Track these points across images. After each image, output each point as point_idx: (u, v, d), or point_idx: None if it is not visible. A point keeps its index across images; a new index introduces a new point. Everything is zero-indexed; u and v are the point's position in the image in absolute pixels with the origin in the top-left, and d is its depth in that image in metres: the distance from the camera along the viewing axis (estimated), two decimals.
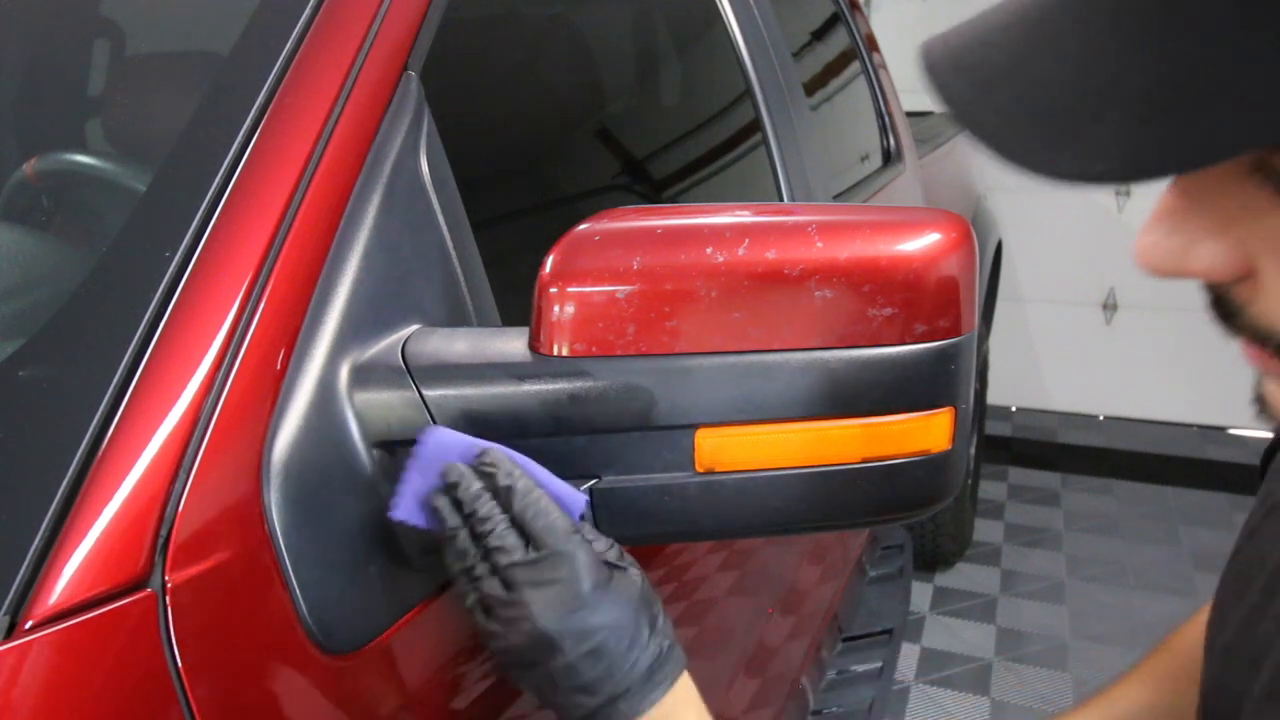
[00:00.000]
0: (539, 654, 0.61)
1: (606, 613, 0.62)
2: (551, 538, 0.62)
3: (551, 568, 0.62)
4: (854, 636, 1.97)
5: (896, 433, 0.68)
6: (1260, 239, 0.39)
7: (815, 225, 0.67)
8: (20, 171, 0.99)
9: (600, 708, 0.62)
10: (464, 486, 0.64)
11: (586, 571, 0.62)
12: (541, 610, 0.61)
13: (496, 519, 0.63)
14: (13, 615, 0.51)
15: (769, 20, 1.63)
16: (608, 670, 0.61)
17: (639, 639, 0.63)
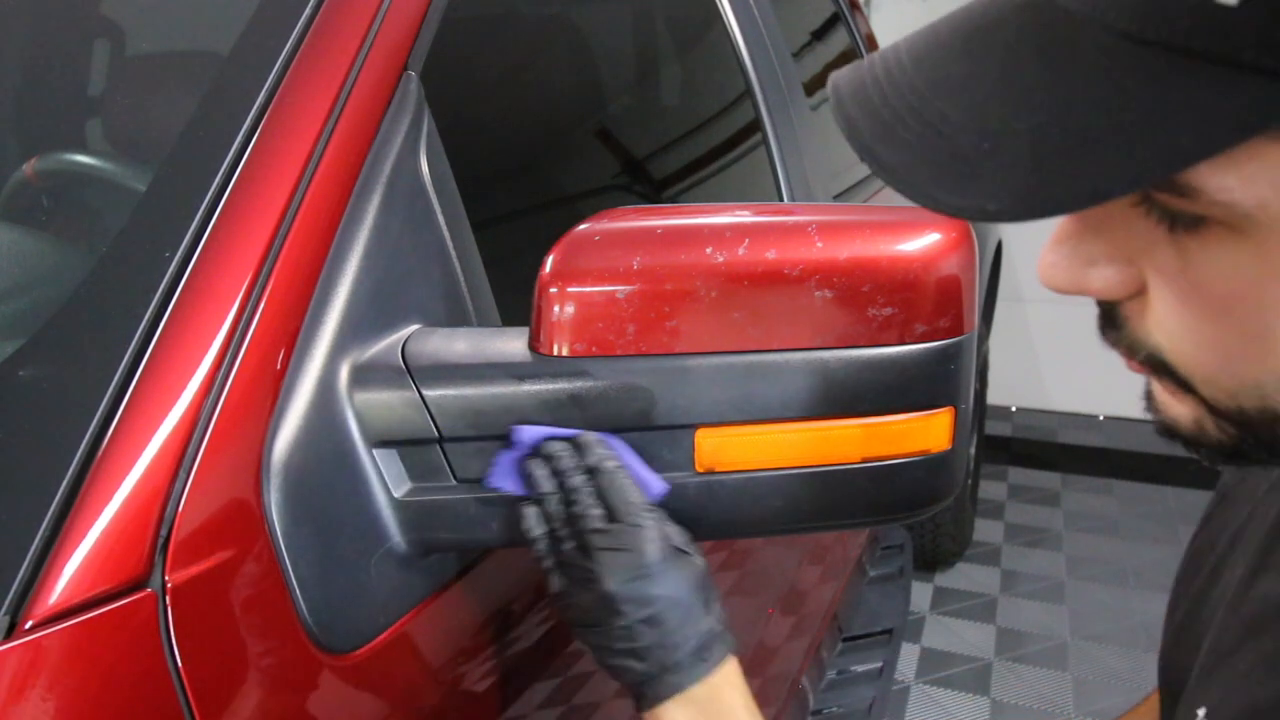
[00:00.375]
0: (602, 614, 0.66)
1: (666, 586, 0.66)
2: (628, 512, 0.67)
3: (624, 537, 0.66)
4: (854, 636, 1.97)
5: (896, 433, 0.68)
6: (1148, 262, 0.42)
7: (815, 225, 0.67)
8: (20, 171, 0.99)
9: (650, 675, 0.66)
10: (560, 458, 0.68)
11: (654, 547, 0.66)
12: (609, 573, 0.66)
13: (583, 489, 0.68)
14: (13, 615, 0.51)
15: (769, 20, 1.63)
16: (660, 640, 0.66)
17: (692, 617, 0.67)
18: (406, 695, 0.70)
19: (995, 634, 2.82)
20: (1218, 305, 0.41)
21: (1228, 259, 0.39)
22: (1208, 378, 0.43)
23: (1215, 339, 0.42)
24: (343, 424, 0.67)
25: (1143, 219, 0.41)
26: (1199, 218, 0.39)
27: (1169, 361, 0.44)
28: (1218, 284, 0.40)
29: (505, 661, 0.78)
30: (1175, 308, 0.42)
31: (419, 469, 0.70)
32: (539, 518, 0.69)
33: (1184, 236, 0.40)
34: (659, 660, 0.66)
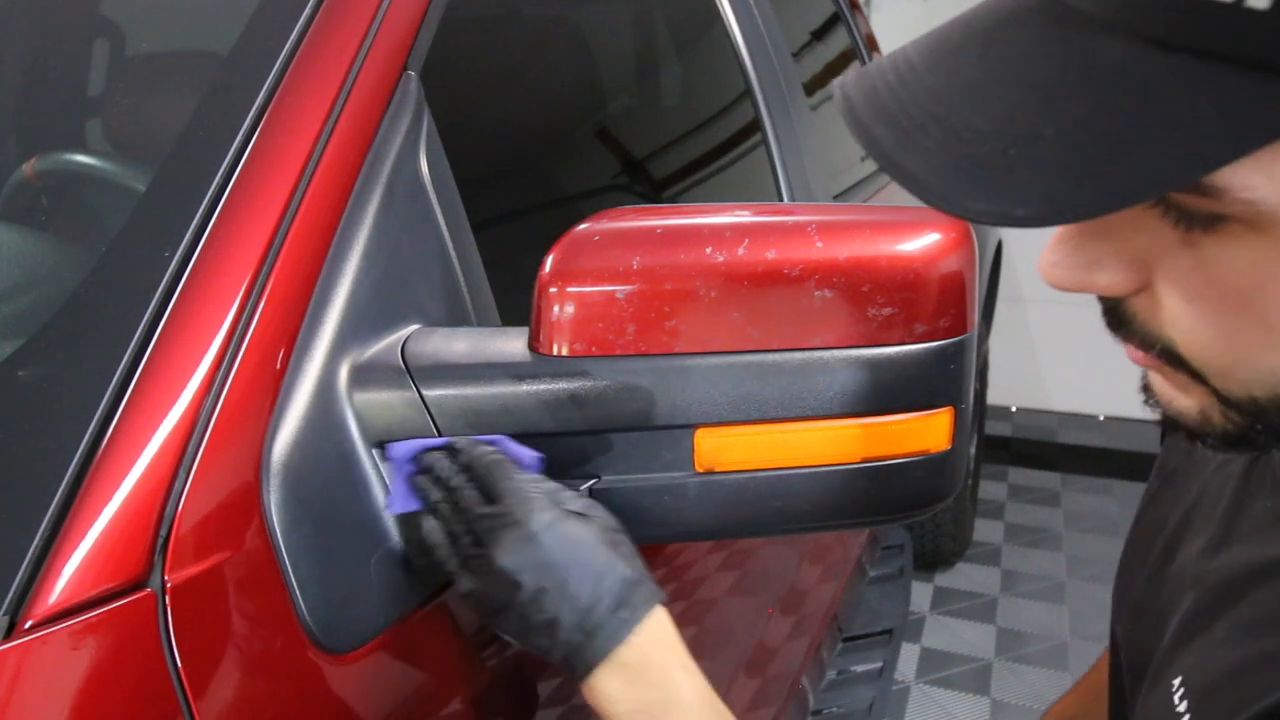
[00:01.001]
0: (505, 593, 0.64)
1: (559, 548, 0.64)
2: (507, 490, 0.66)
3: (506, 513, 0.65)
4: (854, 636, 1.96)
5: (896, 433, 0.68)
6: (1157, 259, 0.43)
7: (815, 225, 0.67)
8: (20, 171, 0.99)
9: (570, 644, 0.64)
10: (436, 466, 0.68)
11: (538, 512, 0.65)
12: (499, 549, 0.64)
13: (464, 485, 0.67)
14: (13, 615, 0.51)
15: (769, 20, 1.63)
16: (568, 605, 0.63)
17: (599, 574, 0.64)
18: (406, 695, 0.70)
19: (995, 634, 2.82)
20: (1235, 299, 0.41)
21: (1245, 255, 0.40)
22: (1222, 369, 0.44)
23: (1231, 332, 0.42)
24: (343, 424, 0.67)
25: (1154, 220, 0.42)
26: (1217, 216, 0.39)
27: (1183, 355, 0.44)
28: (1235, 279, 0.41)
29: (505, 661, 0.78)
30: (1189, 304, 0.43)
31: None
32: (436, 527, 0.68)
33: (1199, 235, 0.41)
34: (575, 626, 0.63)
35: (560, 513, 0.65)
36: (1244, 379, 0.43)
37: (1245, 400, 0.44)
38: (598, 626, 0.63)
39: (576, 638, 0.63)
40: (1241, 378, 0.43)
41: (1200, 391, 0.46)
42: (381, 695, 0.67)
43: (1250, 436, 0.46)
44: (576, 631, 0.63)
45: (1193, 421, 0.48)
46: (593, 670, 0.64)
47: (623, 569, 0.65)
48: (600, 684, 0.64)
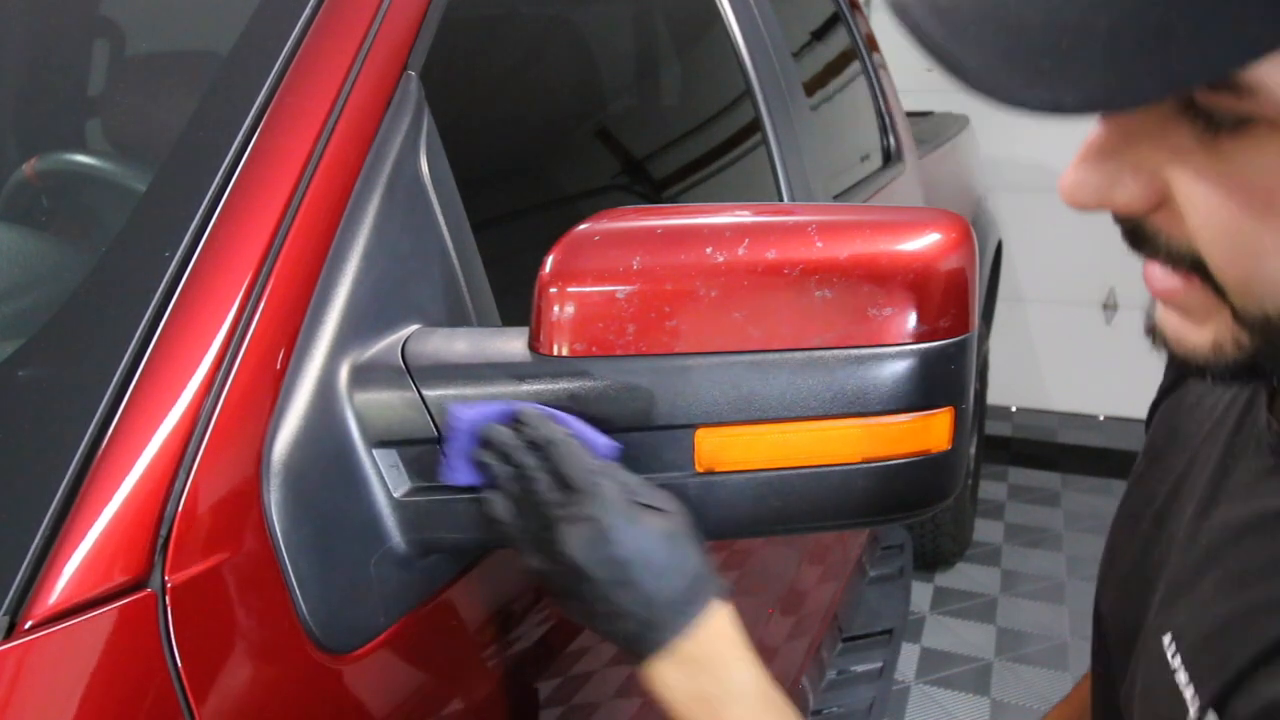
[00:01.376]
0: (575, 583, 0.65)
1: (630, 545, 0.65)
2: (580, 478, 0.65)
3: (580, 505, 0.65)
4: (854, 636, 1.96)
5: (896, 433, 0.68)
6: (1178, 170, 0.44)
7: (815, 225, 0.67)
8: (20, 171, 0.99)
9: (635, 635, 0.65)
10: (503, 441, 0.67)
11: (612, 508, 0.65)
12: (572, 543, 0.65)
13: (533, 466, 0.67)
14: (13, 615, 0.51)
15: (769, 20, 1.63)
16: (636, 598, 0.65)
17: (667, 571, 0.65)
18: (406, 695, 0.70)
19: (995, 634, 2.82)
20: (1259, 203, 0.42)
21: (1271, 157, 0.41)
22: (1242, 281, 0.45)
23: (1254, 238, 0.43)
24: (343, 424, 0.67)
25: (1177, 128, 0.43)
26: (1245, 120, 0.40)
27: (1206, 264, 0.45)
28: (1259, 180, 0.42)
29: (505, 661, 0.78)
30: (1213, 210, 0.44)
31: (419, 469, 0.70)
32: (503, 504, 0.68)
33: (1223, 141, 0.42)
34: (640, 619, 0.65)
35: (633, 508, 0.66)
36: (1260, 293, 0.44)
37: (1259, 319, 0.45)
38: (661, 619, 0.65)
39: (639, 628, 0.65)
40: (1258, 291, 0.44)
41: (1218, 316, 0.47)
42: (381, 695, 0.67)
43: (1259, 365, 0.47)
44: (640, 623, 0.65)
45: (1203, 357, 0.49)
46: (653, 659, 0.65)
47: (690, 564, 0.66)
48: (660, 673, 0.65)
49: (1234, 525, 0.58)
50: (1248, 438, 0.61)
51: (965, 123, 3.26)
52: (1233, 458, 0.62)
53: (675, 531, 0.67)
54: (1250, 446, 0.60)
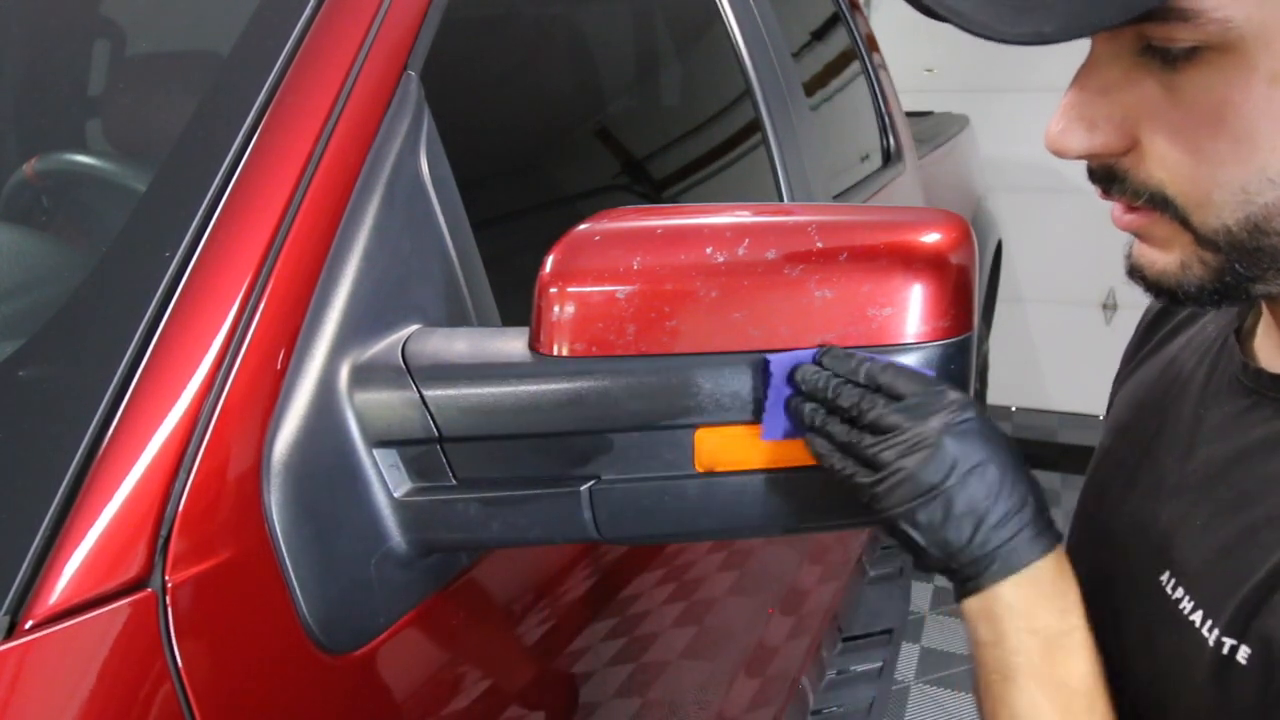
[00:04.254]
0: (936, 475, 0.59)
1: (997, 444, 0.60)
2: (921, 383, 0.62)
3: (935, 397, 0.61)
4: (854, 636, 1.96)
5: None
6: (1143, 112, 0.53)
7: (815, 225, 0.67)
8: (20, 171, 0.99)
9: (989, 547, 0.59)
10: (814, 381, 0.64)
11: (966, 400, 0.61)
12: (930, 422, 0.60)
13: (859, 393, 0.62)
14: (13, 615, 0.51)
15: (769, 20, 1.63)
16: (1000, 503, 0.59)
17: (1027, 485, 0.61)
18: (406, 695, 0.70)
19: None
20: (1211, 120, 0.50)
21: (1218, 76, 0.49)
22: (1202, 198, 0.52)
23: (1210, 153, 0.51)
24: (343, 424, 0.67)
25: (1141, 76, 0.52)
26: (1193, 48, 0.49)
27: (1169, 195, 0.53)
28: (1210, 100, 0.50)
29: (505, 661, 0.78)
30: (1173, 139, 0.52)
31: (419, 469, 0.70)
32: (826, 445, 0.63)
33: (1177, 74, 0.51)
34: (1002, 525, 0.59)
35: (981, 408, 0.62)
36: (1219, 203, 0.52)
37: (1221, 231, 0.52)
38: (1022, 535, 0.59)
39: (999, 540, 0.59)
40: (1217, 201, 0.52)
41: (1181, 241, 0.54)
42: (381, 695, 0.67)
43: (1225, 283, 0.54)
44: (1001, 533, 0.59)
45: (1173, 278, 0.55)
46: (1005, 578, 0.59)
47: (1040, 489, 0.61)
48: (1008, 593, 0.59)
49: (1218, 461, 0.62)
50: (1219, 386, 0.65)
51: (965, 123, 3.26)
52: (1205, 407, 0.66)
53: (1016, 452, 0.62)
54: (1223, 394, 0.65)
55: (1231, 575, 0.57)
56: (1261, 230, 0.51)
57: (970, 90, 3.74)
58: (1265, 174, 0.50)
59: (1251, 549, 0.56)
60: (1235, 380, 0.64)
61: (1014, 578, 0.59)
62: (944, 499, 0.59)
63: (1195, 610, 0.58)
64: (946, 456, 0.59)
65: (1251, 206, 0.51)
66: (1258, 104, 0.49)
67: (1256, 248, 0.52)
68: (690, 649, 1.10)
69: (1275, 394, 0.60)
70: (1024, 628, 0.59)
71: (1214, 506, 0.61)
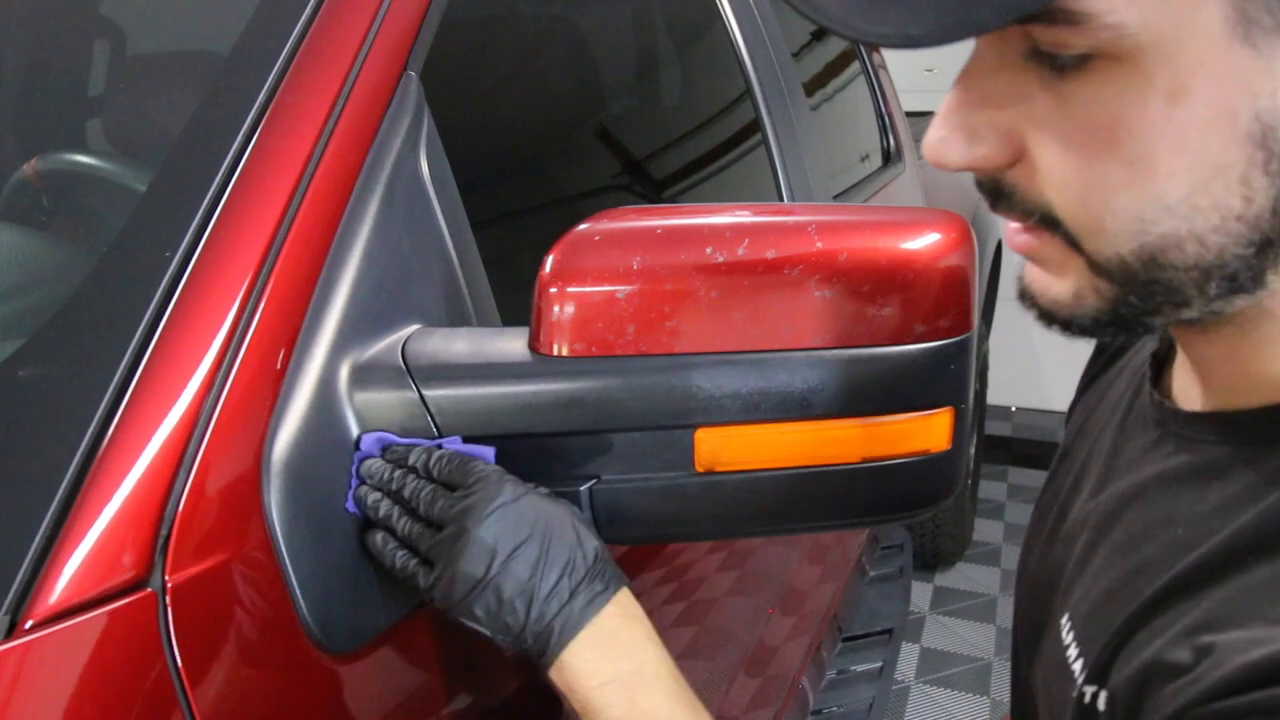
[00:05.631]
0: (478, 566, 0.62)
1: (538, 519, 0.63)
2: (473, 473, 0.65)
3: (479, 489, 0.63)
4: (854, 636, 1.96)
5: (896, 433, 0.68)
6: (1030, 122, 0.46)
7: (815, 225, 0.67)
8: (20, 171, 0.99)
9: (542, 619, 0.62)
10: (376, 473, 0.67)
11: (512, 485, 0.64)
12: (468, 519, 0.62)
13: (419, 484, 0.65)
14: (13, 615, 0.51)
15: (769, 20, 1.63)
16: (543, 573, 0.62)
17: (572, 542, 0.63)
18: (406, 695, 0.70)
19: (995, 634, 2.82)
20: (1104, 138, 0.44)
21: (1111, 89, 0.43)
22: (1094, 224, 0.47)
23: (1100, 176, 0.45)
24: (343, 424, 0.67)
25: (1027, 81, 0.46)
26: (1084, 56, 0.43)
27: (1059, 216, 0.48)
28: (1102, 115, 0.44)
29: (505, 661, 0.78)
30: (1061, 154, 0.46)
31: None
32: (383, 540, 0.66)
33: (1067, 82, 0.45)
34: (549, 597, 0.62)
35: (523, 486, 0.65)
36: (1113, 231, 0.46)
37: (1114, 261, 0.47)
38: (575, 596, 0.62)
39: (551, 609, 0.62)
40: (1110, 229, 0.46)
41: (1074, 267, 0.49)
42: (381, 695, 0.67)
43: (1121, 316, 0.49)
44: (554, 601, 0.62)
45: (1066, 308, 0.50)
46: (566, 645, 0.62)
47: (594, 545, 0.65)
48: (573, 659, 0.62)
49: (1118, 498, 0.59)
50: (1136, 419, 0.62)
51: None
52: (1123, 439, 0.63)
53: (574, 512, 0.66)
54: (1138, 426, 0.62)
55: (1107, 621, 0.54)
56: (1157, 263, 0.46)
57: None
58: (1163, 201, 0.44)
59: (1128, 594, 0.53)
60: (1147, 411, 0.61)
61: (575, 642, 0.62)
62: (493, 588, 0.62)
63: (1077, 658, 0.56)
64: (485, 547, 0.62)
65: (1147, 236, 0.45)
66: (1154, 123, 0.43)
67: (1152, 280, 0.47)
68: (690, 649, 1.10)
69: (1176, 428, 0.57)
70: (599, 684, 0.62)
71: (1109, 549, 0.58)
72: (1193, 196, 0.44)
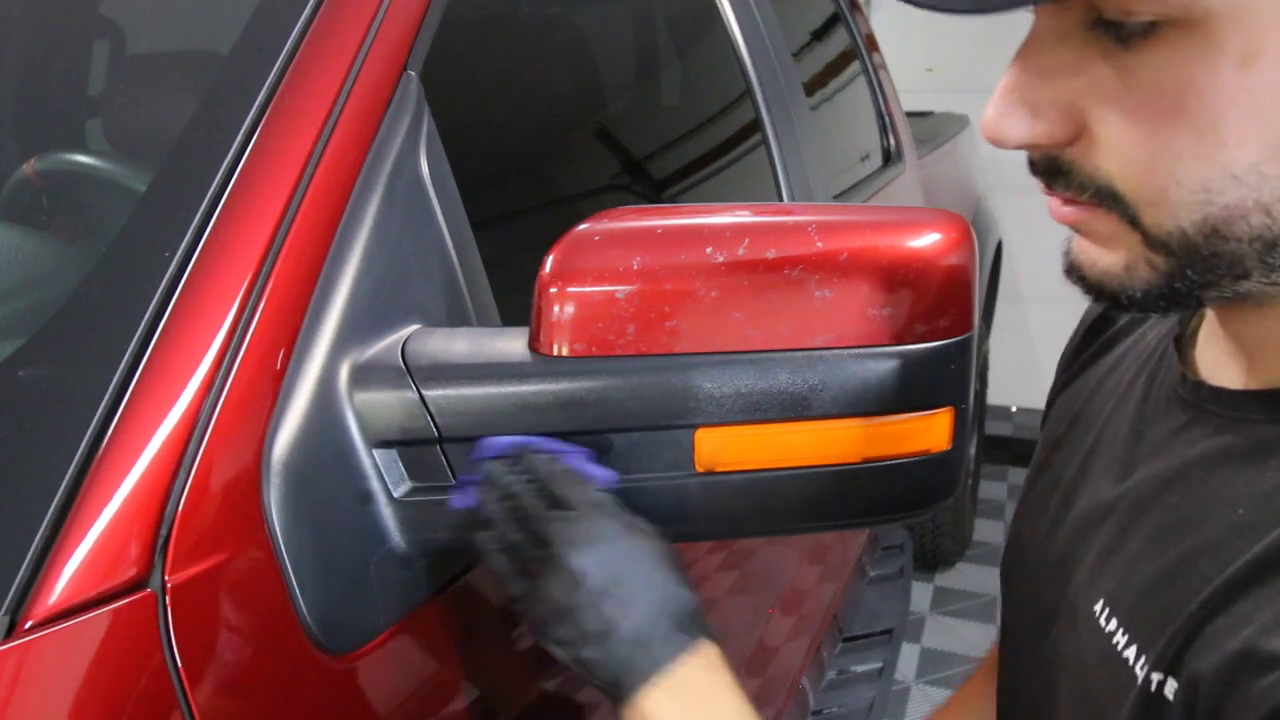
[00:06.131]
0: (567, 595, 0.61)
1: (628, 554, 0.62)
2: (581, 497, 0.64)
3: (578, 514, 0.63)
4: (854, 636, 1.97)
5: (896, 433, 0.68)
6: (1092, 95, 0.46)
7: (815, 225, 0.67)
8: (20, 171, 0.99)
9: (625, 658, 0.60)
10: (498, 478, 0.66)
11: (611, 519, 0.63)
12: (570, 548, 0.62)
13: (531, 497, 0.65)
14: (13, 615, 0.51)
15: (769, 20, 1.63)
16: (631, 612, 0.61)
17: (664, 588, 0.62)
18: (406, 695, 0.70)
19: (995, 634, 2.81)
20: (1170, 106, 0.44)
21: (1179, 56, 0.43)
22: (1155, 195, 0.46)
23: (1166, 145, 0.45)
24: (343, 424, 0.67)
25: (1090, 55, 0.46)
26: (1152, 24, 0.43)
27: (1119, 190, 0.47)
28: (1170, 83, 0.44)
29: (505, 661, 0.78)
30: (1125, 126, 0.46)
31: (419, 469, 0.70)
32: (491, 538, 0.66)
33: (1133, 52, 0.44)
34: (632, 639, 0.60)
35: (631, 523, 0.64)
36: (1175, 202, 0.45)
37: (1175, 234, 0.46)
38: (655, 641, 0.60)
39: (631, 651, 0.60)
40: (1174, 200, 0.45)
41: (1128, 241, 0.48)
42: (381, 695, 0.67)
43: (1175, 289, 0.48)
44: (633, 644, 0.60)
45: (1117, 281, 0.49)
46: (643, 685, 0.59)
47: (685, 592, 0.63)
48: (647, 702, 0.60)
49: (1155, 481, 0.58)
50: (1158, 402, 0.61)
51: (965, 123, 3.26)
52: (1144, 424, 0.62)
53: (670, 555, 0.65)
54: (1162, 409, 0.61)
55: (1167, 607, 0.52)
56: (1220, 234, 0.45)
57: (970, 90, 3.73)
58: (1230, 170, 0.44)
59: (1190, 578, 0.52)
60: (1174, 393, 0.60)
61: (652, 688, 0.60)
62: (576, 619, 0.61)
63: (1129, 645, 0.55)
64: (576, 578, 0.61)
65: (1211, 207, 0.45)
66: (1225, 89, 0.42)
67: (1213, 253, 0.46)
68: None
69: (1216, 408, 0.56)
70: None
71: (1149, 532, 0.57)
72: (1261, 164, 0.43)
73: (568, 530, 0.63)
